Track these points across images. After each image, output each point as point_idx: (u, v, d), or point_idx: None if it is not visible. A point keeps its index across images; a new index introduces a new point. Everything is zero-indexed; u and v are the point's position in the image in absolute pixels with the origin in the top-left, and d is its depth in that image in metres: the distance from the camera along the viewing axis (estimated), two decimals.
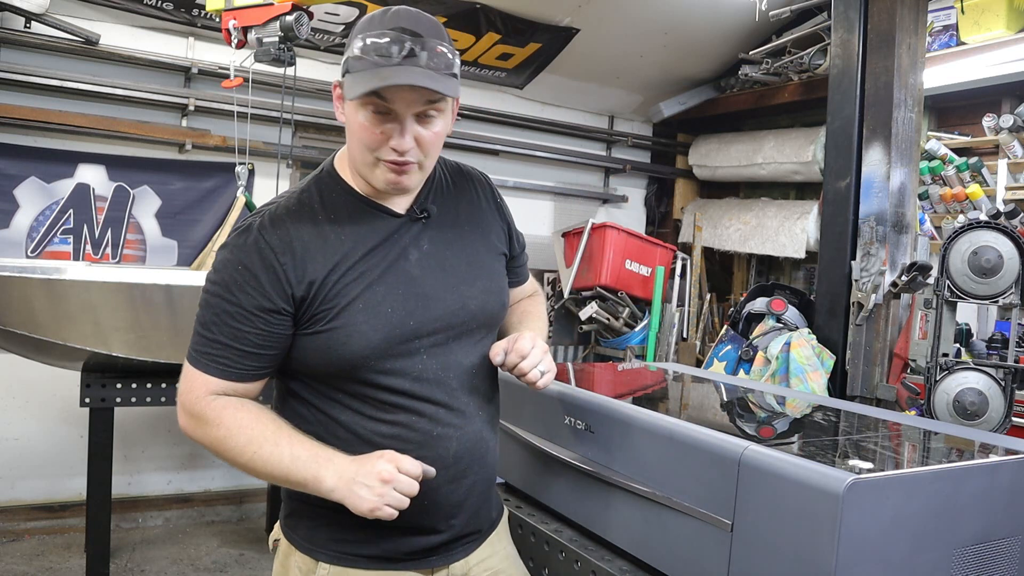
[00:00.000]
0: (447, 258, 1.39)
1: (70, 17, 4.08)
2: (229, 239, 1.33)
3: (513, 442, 1.85)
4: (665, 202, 6.25)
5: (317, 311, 1.29)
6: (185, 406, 1.31)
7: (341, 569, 1.35)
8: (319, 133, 4.93)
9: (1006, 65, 3.97)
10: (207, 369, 1.29)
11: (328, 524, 1.35)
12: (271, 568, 1.51)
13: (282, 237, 1.29)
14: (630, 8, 4.77)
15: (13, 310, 2.90)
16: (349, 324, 1.28)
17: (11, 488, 4.15)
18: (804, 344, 3.39)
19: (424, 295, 1.34)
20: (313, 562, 1.37)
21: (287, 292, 1.27)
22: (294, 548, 1.40)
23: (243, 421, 1.28)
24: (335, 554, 1.36)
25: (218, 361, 1.29)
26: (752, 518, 1.24)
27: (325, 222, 1.33)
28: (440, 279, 1.37)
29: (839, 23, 3.56)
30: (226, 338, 1.28)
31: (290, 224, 1.31)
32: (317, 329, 1.29)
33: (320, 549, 1.37)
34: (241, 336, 1.28)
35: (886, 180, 3.34)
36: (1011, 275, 2.41)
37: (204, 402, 1.29)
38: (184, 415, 1.32)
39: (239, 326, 1.27)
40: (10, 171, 4.09)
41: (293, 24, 2.58)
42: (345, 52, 1.29)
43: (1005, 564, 1.32)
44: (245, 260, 1.28)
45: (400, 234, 1.36)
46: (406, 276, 1.34)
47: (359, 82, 1.23)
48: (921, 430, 1.62)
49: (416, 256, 1.36)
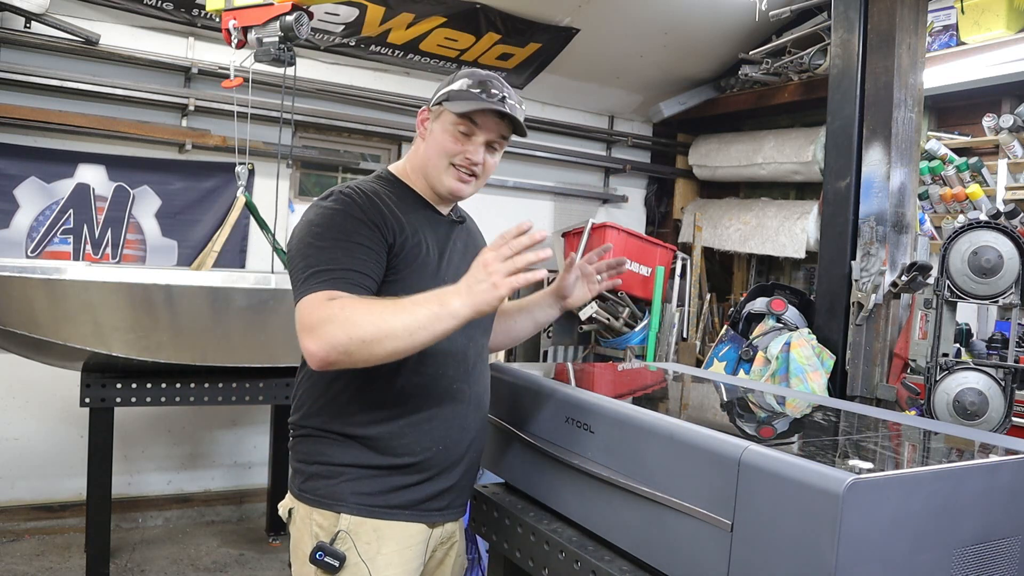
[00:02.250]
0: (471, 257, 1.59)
1: (70, 17, 4.08)
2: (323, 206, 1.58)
3: (513, 442, 1.85)
4: (665, 202, 6.25)
5: (399, 262, 1.57)
6: (311, 326, 1.41)
7: (360, 519, 1.57)
8: (319, 133, 4.93)
9: (1006, 65, 3.98)
10: (327, 286, 1.45)
11: (349, 480, 1.58)
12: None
13: (372, 205, 1.58)
14: (630, 8, 4.78)
15: (13, 310, 2.90)
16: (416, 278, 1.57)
17: (11, 488, 4.15)
18: (804, 344, 3.39)
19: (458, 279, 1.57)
20: (334, 515, 1.57)
21: (386, 237, 1.55)
22: (313, 508, 1.60)
23: (357, 302, 1.43)
24: (356, 506, 1.58)
25: (339, 279, 1.46)
26: (752, 518, 1.24)
27: (394, 205, 1.62)
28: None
29: (839, 23, 3.56)
30: (345, 265, 1.48)
31: (375, 200, 1.60)
32: (393, 278, 1.55)
33: (341, 502, 1.58)
34: (358, 262, 1.50)
35: (886, 180, 3.34)
36: (1011, 275, 2.41)
37: (326, 305, 1.41)
38: (311, 338, 1.40)
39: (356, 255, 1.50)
40: (10, 171, 4.10)
41: (293, 24, 2.58)
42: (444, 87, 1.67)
43: (1005, 564, 1.32)
44: (348, 208, 1.55)
45: (447, 231, 1.72)
46: (449, 262, 1.67)
47: (464, 105, 1.60)
48: (921, 430, 1.62)
49: (454, 252, 1.70)
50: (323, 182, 5.19)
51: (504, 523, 1.84)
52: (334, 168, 5.10)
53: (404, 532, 1.61)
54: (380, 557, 1.57)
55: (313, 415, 1.63)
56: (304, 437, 1.65)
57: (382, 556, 1.57)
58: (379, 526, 1.58)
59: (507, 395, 1.89)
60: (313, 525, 1.59)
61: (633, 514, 1.48)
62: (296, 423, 1.67)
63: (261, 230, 3.70)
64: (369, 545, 1.57)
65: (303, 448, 1.65)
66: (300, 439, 1.66)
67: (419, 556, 1.65)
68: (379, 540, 1.58)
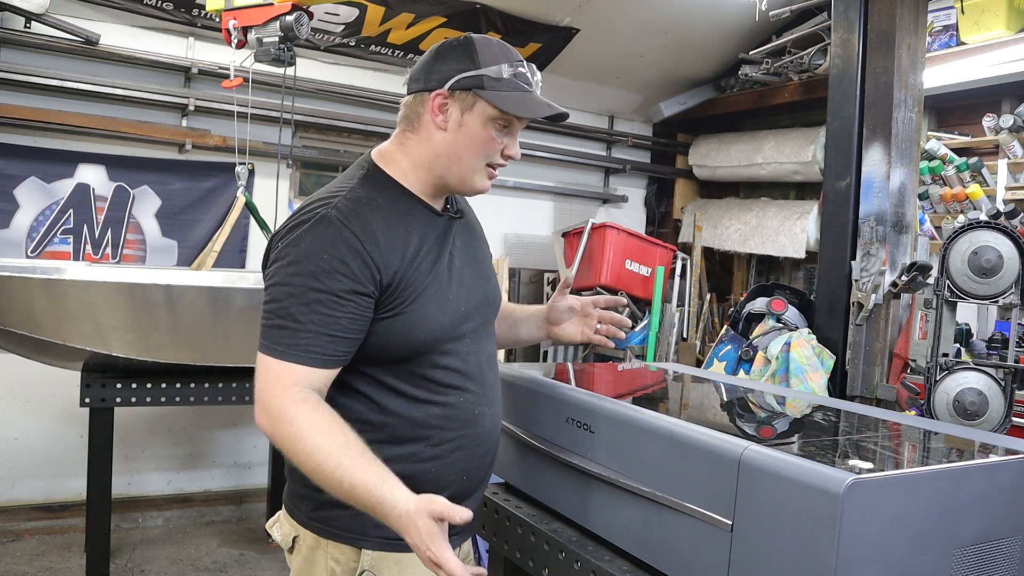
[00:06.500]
0: (472, 255, 1.57)
1: (70, 17, 4.08)
2: (302, 231, 1.35)
3: (514, 442, 1.85)
4: (665, 202, 6.25)
5: (397, 297, 1.38)
6: (265, 402, 1.31)
7: (383, 554, 1.41)
8: (319, 133, 4.93)
9: (1006, 65, 3.97)
10: (296, 359, 1.31)
11: None
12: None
13: (364, 228, 1.35)
14: (630, 8, 4.78)
15: (13, 310, 2.90)
16: (424, 308, 1.40)
17: (11, 488, 4.15)
18: (804, 344, 3.39)
19: (466, 284, 1.50)
20: (354, 550, 1.42)
21: (375, 277, 1.35)
22: (325, 540, 1.43)
23: (317, 423, 1.28)
24: (378, 540, 1.41)
25: (309, 350, 1.31)
26: (752, 518, 1.24)
27: (393, 216, 1.42)
28: (472, 272, 1.54)
29: (839, 23, 3.56)
30: (316, 325, 1.31)
31: (367, 216, 1.38)
32: (397, 312, 1.37)
33: (363, 537, 1.41)
34: (332, 322, 1.32)
35: (886, 180, 3.34)
36: (1011, 275, 2.41)
37: (288, 394, 1.29)
38: (262, 412, 1.32)
39: (331, 312, 1.31)
40: (10, 171, 4.09)
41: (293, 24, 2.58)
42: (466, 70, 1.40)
43: (1005, 564, 1.32)
44: (331, 249, 1.33)
45: (446, 231, 1.50)
46: (454, 267, 1.49)
47: (513, 102, 1.40)
48: (921, 430, 1.62)
49: (456, 252, 1.51)
50: (323, 182, 5.18)
51: (504, 523, 1.84)
52: (334, 168, 5.09)
53: None
54: None
55: None
56: None
57: None
58: (400, 559, 1.43)
59: (507, 395, 1.88)
60: (328, 560, 1.43)
61: (633, 514, 1.48)
62: None
63: (261, 230, 3.70)
64: None
65: None
66: None
67: None
68: (401, 573, 1.44)
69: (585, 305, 1.77)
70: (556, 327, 1.79)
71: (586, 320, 1.78)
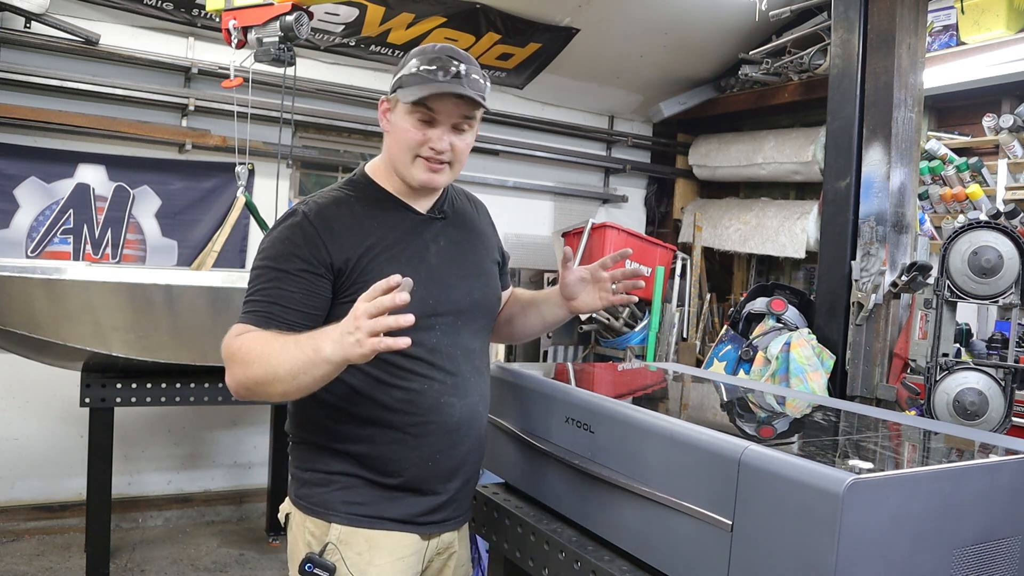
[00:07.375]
0: (459, 255, 1.65)
1: (70, 17, 4.08)
2: (276, 227, 1.55)
3: (514, 442, 1.85)
4: (665, 202, 6.25)
5: (353, 284, 1.50)
6: (225, 359, 1.46)
7: (351, 529, 1.54)
8: (319, 133, 4.93)
9: (1006, 65, 3.98)
10: (249, 320, 1.48)
11: (340, 488, 1.55)
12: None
13: (323, 219, 1.52)
14: (630, 8, 4.78)
15: (13, 310, 2.90)
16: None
17: (11, 488, 4.15)
18: (804, 344, 3.39)
19: (441, 281, 1.59)
20: (325, 524, 1.55)
21: (327, 261, 1.50)
22: (304, 515, 1.58)
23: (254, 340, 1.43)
24: (346, 515, 1.54)
25: (258, 313, 1.47)
26: (752, 518, 1.24)
27: (361, 213, 1.57)
28: (454, 270, 1.63)
29: (839, 23, 3.56)
30: (271, 297, 1.48)
31: (330, 211, 1.55)
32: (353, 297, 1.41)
33: (332, 511, 1.55)
34: (285, 295, 1.48)
35: (886, 180, 3.34)
36: (1011, 275, 2.41)
37: (233, 341, 1.45)
38: (226, 372, 1.47)
39: (284, 287, 1.48)
40: (10, 171, 4.09)
41: (293, 24, 2.58)
42: (398, 73, 1.56)
43: (1005, 564, 1.32)
44: (290, 236, 1.51)
45: (423, 229, 1.61)
46: (427, 264, 1.58)
47: (414, 92, 1.49)
48: (921, 430, 1.62)
49: (435, 249, 1.61)
50: (323, 182, 5.19)
51: (504, 523, 1.84)
52: (334, 168, 5.10)
53: (398, 543, 1.57)
54: (372, 568, 1.53)
55: (304, 426, 1.61)
56: (299, 444, 1.64)
57: (374, 567, 1.53)
58: (371, 536, 1.54)
59: (507, 395, 1.88)
60: (306, 533, 1.56)
61: (633, 514, 1.48)
62: (290, 431, 1.66)
63: (261, 230, 3.70)
64: (360, 556, 1.53)
65: (298, 455, 1.63)
66: (295, 446, 1.65)
67: (413, 567, 1.60)
68: (371, 551, 1.54)
69: (594, 271, 1.74)
70: (573, 301, 1.76)
71: (600, 285, 1.74)
